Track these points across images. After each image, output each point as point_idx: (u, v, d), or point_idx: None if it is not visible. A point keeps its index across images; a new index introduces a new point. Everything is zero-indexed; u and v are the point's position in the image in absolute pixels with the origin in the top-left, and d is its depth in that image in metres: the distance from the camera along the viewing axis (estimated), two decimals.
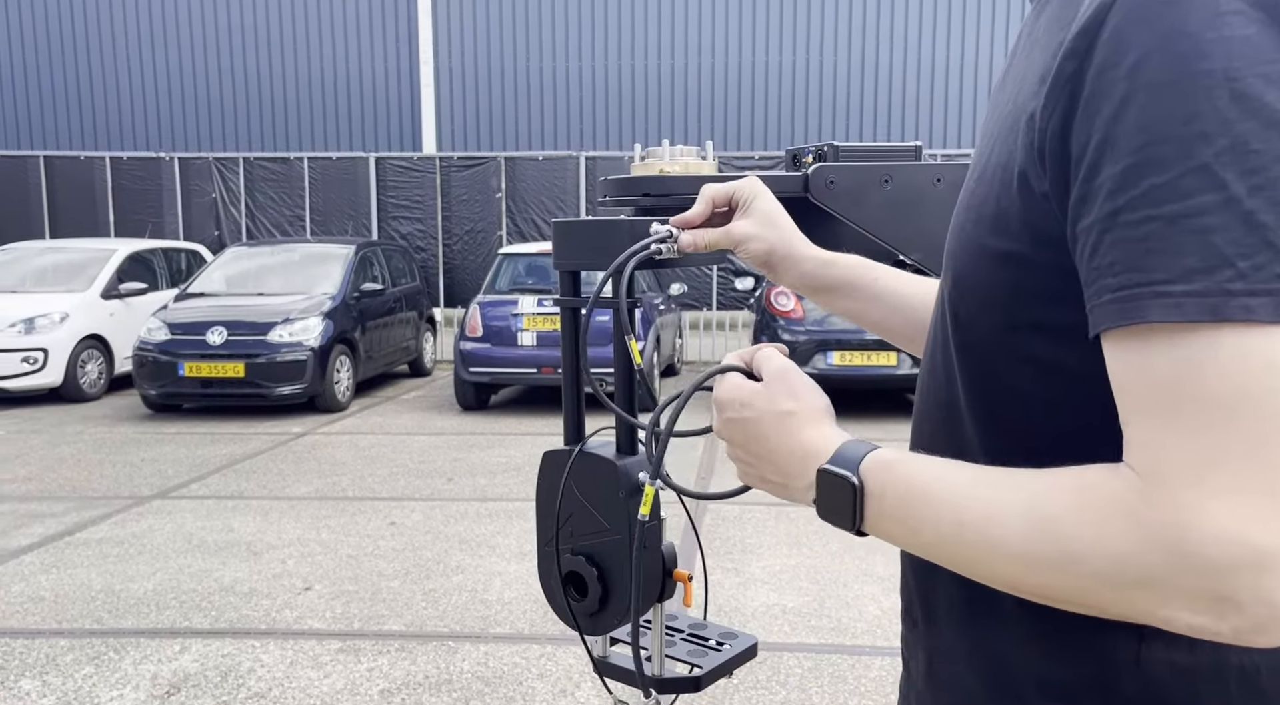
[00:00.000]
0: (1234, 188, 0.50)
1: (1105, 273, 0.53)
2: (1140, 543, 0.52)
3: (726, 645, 1.05)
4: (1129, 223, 0.52)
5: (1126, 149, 0.52)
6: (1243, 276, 0.49)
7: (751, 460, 0.76)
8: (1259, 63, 0.51)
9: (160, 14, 15.58)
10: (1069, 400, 0.63)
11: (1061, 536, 0.55)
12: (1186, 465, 0.51)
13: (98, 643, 3.47)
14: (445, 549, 4.51)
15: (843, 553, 4.41)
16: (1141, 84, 0.52)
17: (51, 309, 8.61)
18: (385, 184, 12.72)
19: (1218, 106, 0.50)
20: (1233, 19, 0.51)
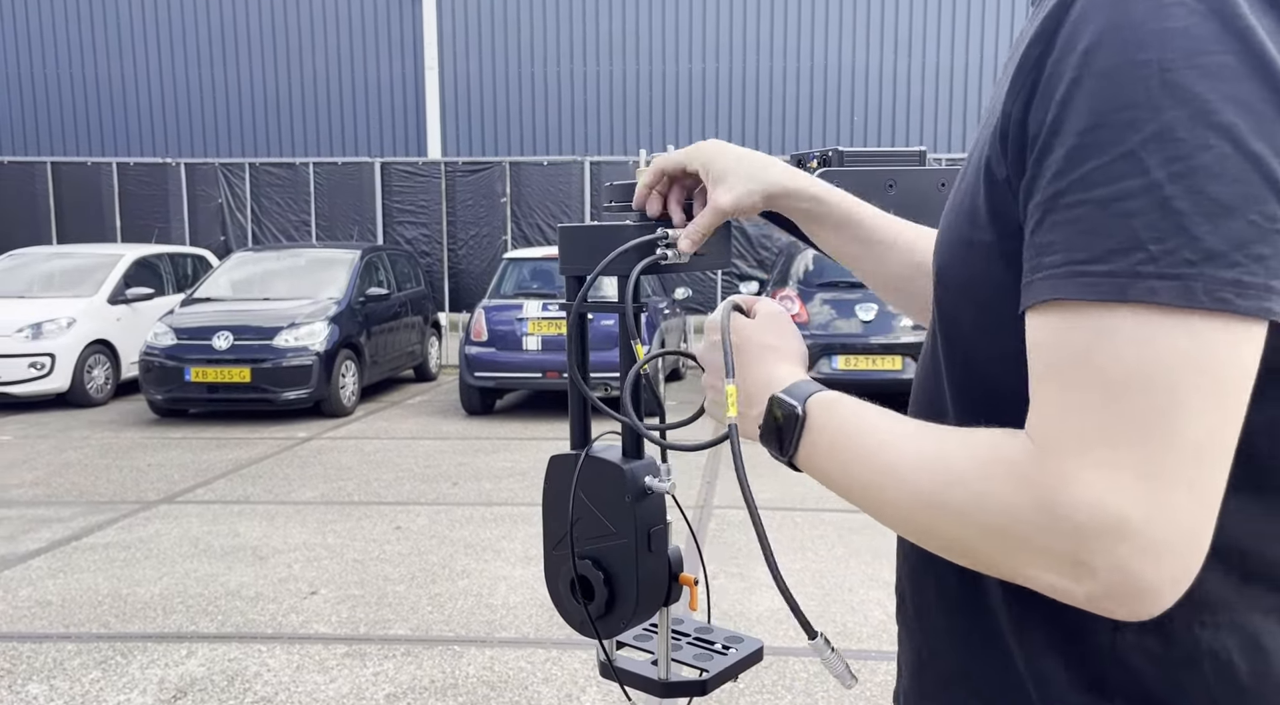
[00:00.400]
0: (1155, 174, 0.51)
1: (1043, 251, 0.55)
2: (1018, 500, 0.55)
3: (732, 649, 1.06)
4: (1066, 205, 0.54)
5: (1070, 132, 0.54)
6: (1154, 260, 0.51)
7: (722, 386, 0.78)
8: (1195, 54, 0.52)
9: (167, 21, 15.65)
10: None
11: (955, 485, 0.58)
12: (1075, 436, 0.53)
13: (105, 647, 3.48)
14: (450, 553, 4.52)
15: (848, 557, 4.41)
16: (1089, 71, 0.54)
17: (58, 314, 8.64)
18: (390, 189, 12.75)
19: (1150, 95, 0.52)
20: (1175, 10, 0.53)
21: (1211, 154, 0.51)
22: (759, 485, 4.39)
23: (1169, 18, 0.53)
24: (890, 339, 7.54)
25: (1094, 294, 0.53)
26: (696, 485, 5.74)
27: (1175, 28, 0.52)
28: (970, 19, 14.82)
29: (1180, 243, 0.51)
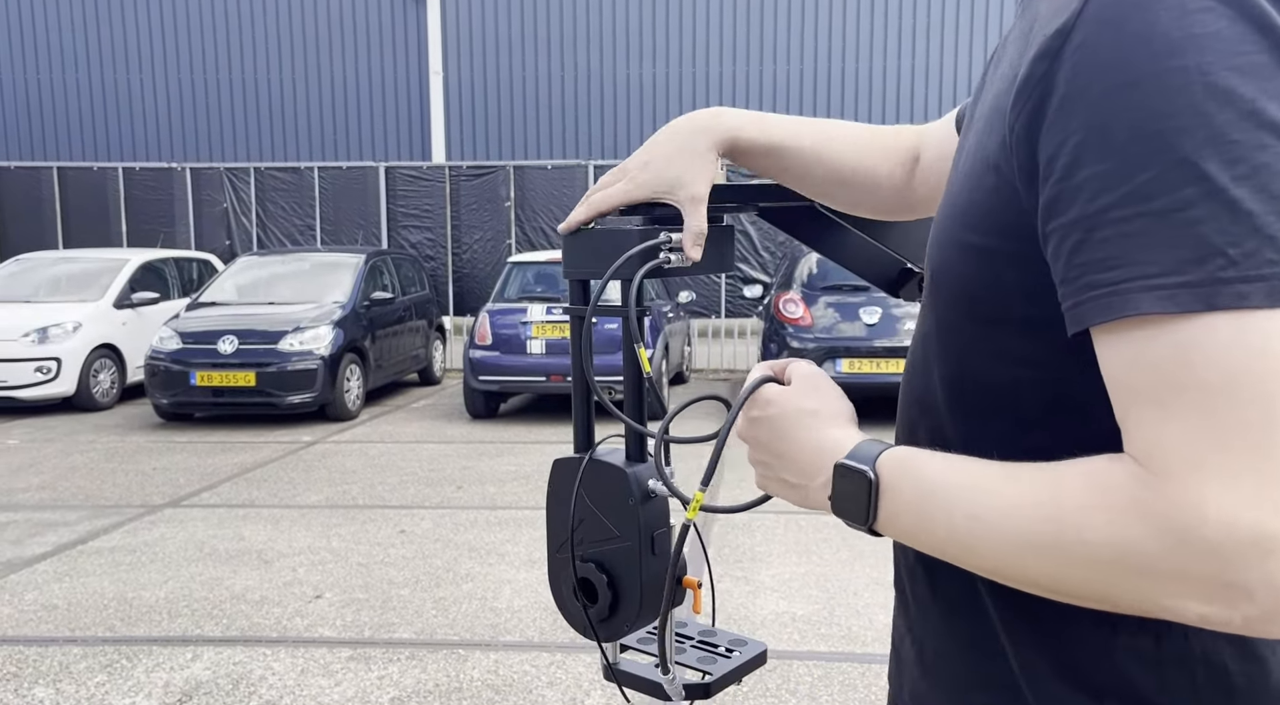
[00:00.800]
0: (1218, 179, 0.50)
1: (1093, 269, 0.54)
2: (1146, 530, 0.52)
3: (736, 652, 1.06)
4: (1117, 219, 0.52)
5: (1109, 148, 0.53)
6: (1234, 264, 0.50)
7: (771, 460, 0.77)
8: (1230, 55, 0.51)
9: (172, 27, 15.71)
10: (1038, 394, 0.64)
11: (1072, 526, 0.54)
12: (1187, 452, 0.51)
13: (110, 650, 3.49)
14: (455, 557, 4.52)
15: (853, 561, 4.40)
16: (1117, 84, 0.53)
17: (64, 319, 8.67)
18: (395, 193, 12.79)
19: (1193, 101, 0.51)
20: (1202, 16, 0.52)
21: (1270, 152, 0.50)
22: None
23: (1196, 23, 0.52)
24: (895, 342, 7.54)
25: (1174, 305, 0.50)
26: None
27: (1207, 32, 0.52)
28: (974, 24, 14.82)
29: (1258, 244, 0.49)
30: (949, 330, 0.70)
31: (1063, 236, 0.55)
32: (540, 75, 15.50)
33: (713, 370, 11.07)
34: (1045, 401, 0.64)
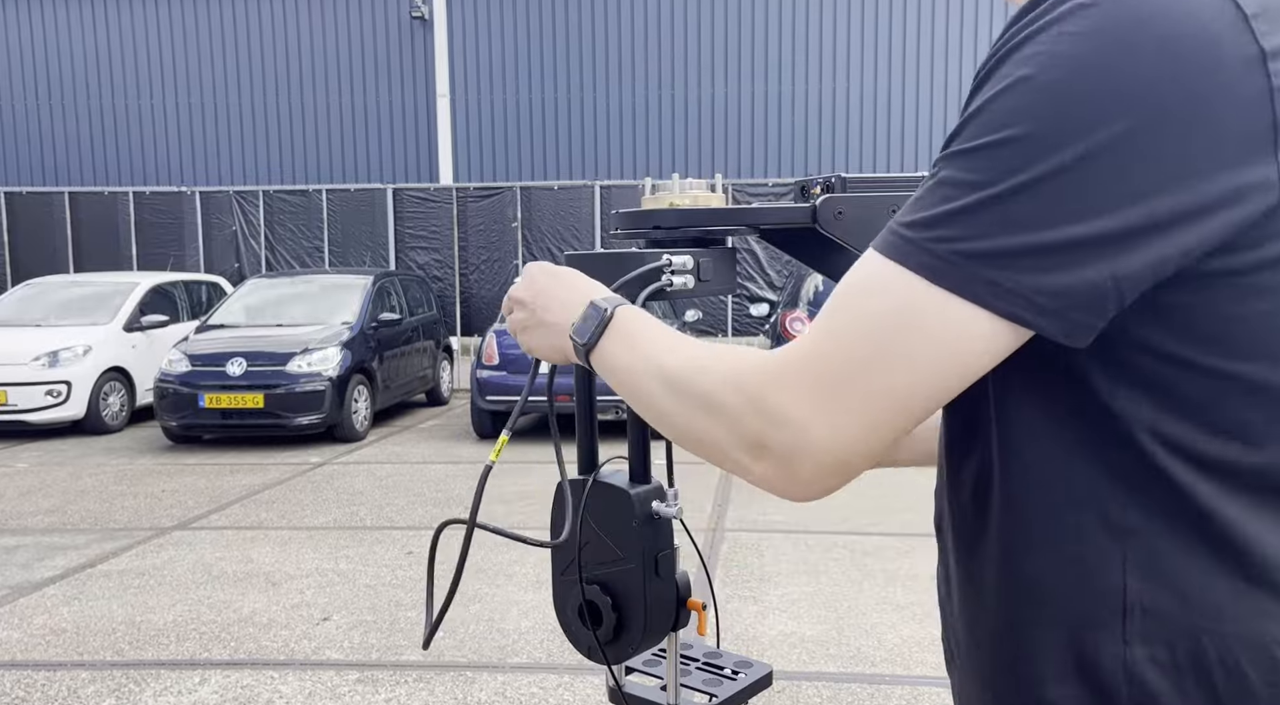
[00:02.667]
0: (979, 182, 0.58)
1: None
2: (744, 390, 0.65)
3: (742, 674, 1.06)
4: (930, 179, 0.63)
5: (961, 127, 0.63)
6: (942, 241, 0.59)
7: (539, 307, 0.89)
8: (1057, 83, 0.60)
9: (183, 54, 15.89)
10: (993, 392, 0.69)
11: (703, 373, 0.69)
12: (805, 354, 0.63)
13: (119, 674, 3.48)
14: (462, 578, 4.51)
15: (861, 581, 4.38)
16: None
17: (75, 342, 8.72)
18: (402, 215, 12.86)
19: (1016, 108, 0.59)
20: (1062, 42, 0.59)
21: (1035, 173, 0.57)
22: (769, 509, 4.39)
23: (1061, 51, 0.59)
24: None
25: (879, 245, 0.62)
26: (708, 509, 5.73)
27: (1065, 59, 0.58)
28: (979, 45, 14.89)
29: (970, 233, 0.58)
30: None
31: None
32: (546, 97, 15.61)
33: None
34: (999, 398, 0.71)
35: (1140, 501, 0.63)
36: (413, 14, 15.50)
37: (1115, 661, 0.63)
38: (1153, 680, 0.62)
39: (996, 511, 0.68)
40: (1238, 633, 0.61)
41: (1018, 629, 0.68)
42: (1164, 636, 0.62)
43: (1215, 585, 0.61)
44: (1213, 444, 0.62)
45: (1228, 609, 0.61)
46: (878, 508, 5.66)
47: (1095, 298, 0.57)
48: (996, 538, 0.69)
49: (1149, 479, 0.62)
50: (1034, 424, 0.66)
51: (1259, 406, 0.61)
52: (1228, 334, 0.60)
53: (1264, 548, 0.62)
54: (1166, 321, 0.60)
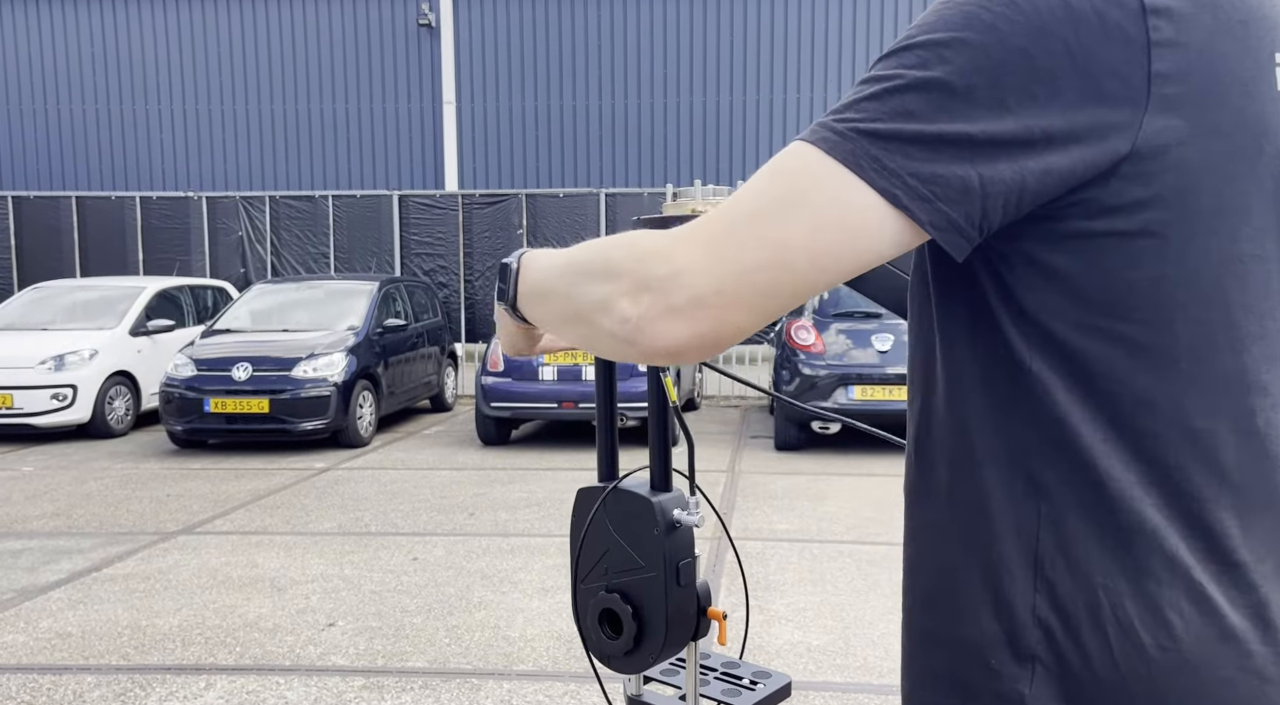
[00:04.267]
0: (892, 77, 0.65)
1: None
2: (632, 245, 0.69)
3: (760, 684, 1.05)
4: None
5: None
6: (846, 122, 0.65)
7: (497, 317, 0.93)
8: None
9: (191, 59, 15.96)
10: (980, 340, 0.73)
11: (605, 245, 0.72)
12: (710, 212, 0.67)
13: (124, 679, 3.48)
14: (468, 585, 4.50)
15: (867, 590, 4.36)
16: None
17: (81, 346, 8.74)
18: (408, 221, 12.87)
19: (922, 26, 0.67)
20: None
21: (905, 82, 0.63)
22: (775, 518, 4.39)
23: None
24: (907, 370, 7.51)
25: (801, 133, 0.67)
26: (712, 517, 5.71)
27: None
28: None
29: (868, 116, 0.64)
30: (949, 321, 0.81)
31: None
32: (552, 104, 15.64)
33: (724, 397, 11.05)
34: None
35: (1054, 462, 0.67)
36: (419, 21, 15.55)
37: (1026, 608, 0.68)
38: (1056, 629, 0.67)
39: (936, 464, 0.74)
40: (1132, 592, 0.65)
41: (945, 573, 0.73)
42: (1066, 589, 0.67)
43: (1114, 546, 0.66)
44: (1114, 408, 0.66)
45: (1123, 570, 0.66)
46: (884, 517, 5.64)
47: (963, 193, 0.62)
48: (934, 488, 0.75)
49: (1062, 442, 0.67)
50: (972, 384, 0.71)
51: (1153, 369, 0.66)
52: (1118, 298, 0.65)
53: (1157, 516, 0.66)
54: (1063, 285, 0.66)
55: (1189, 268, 0.65)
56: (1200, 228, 0.65)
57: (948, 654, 0.73)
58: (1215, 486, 0.66)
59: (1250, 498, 0.67)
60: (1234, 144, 0.65)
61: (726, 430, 8.98)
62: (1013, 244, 0.67)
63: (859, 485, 6.51)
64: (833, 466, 7.12)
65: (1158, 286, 0.65)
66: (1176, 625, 0.65)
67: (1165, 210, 0.64)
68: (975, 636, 0.71)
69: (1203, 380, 0.66)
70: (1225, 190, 0.65)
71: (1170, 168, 0.63)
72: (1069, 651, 0.66)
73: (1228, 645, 0.65)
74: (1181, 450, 0.66)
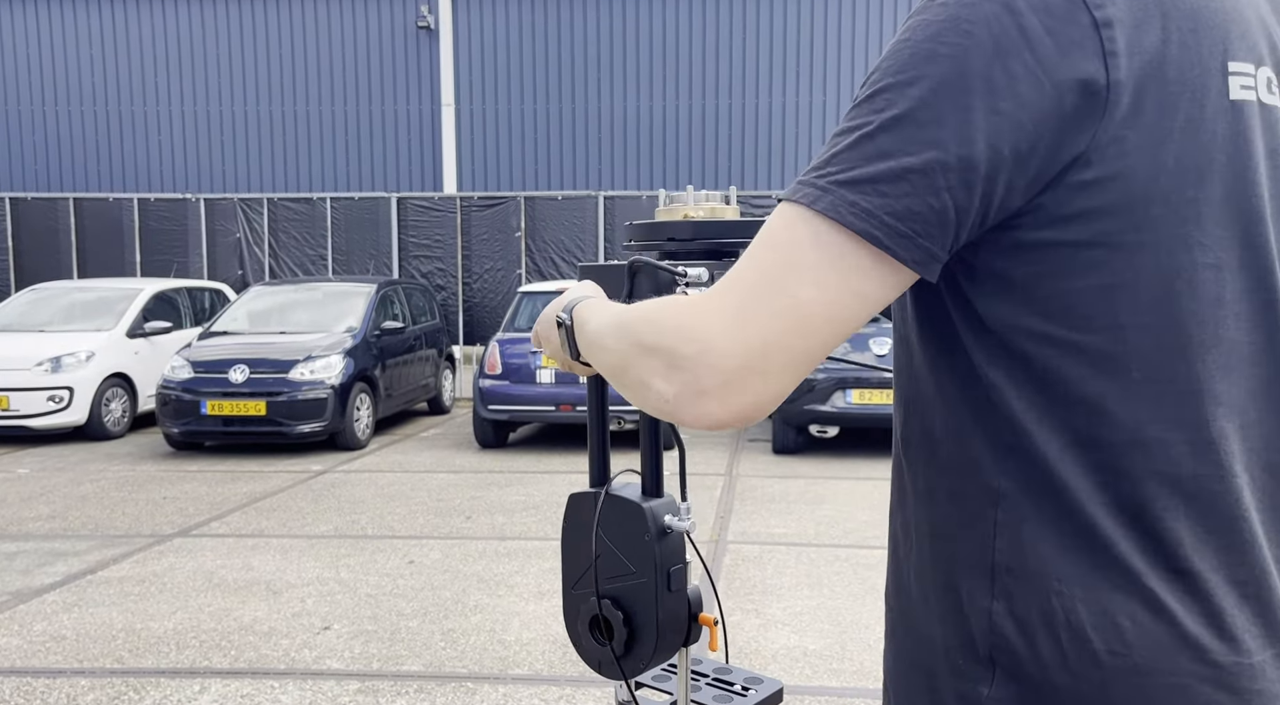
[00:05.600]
0: (863, 124, 0.67)
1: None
2: (673, 322, 0.70)
3: (752, 690, 1.05)
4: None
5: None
6: (823, 177, 0.67)
7: (544, 340, 0.96)
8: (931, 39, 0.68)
9: (189, 60, 15.96)
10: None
11: (643, 319, 0.74)
12: (722, 280, 0.69)
13: (118, 682, 3.47)
14: (464, 588, 4.50)
15: (864, 594, 4.36)
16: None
17: (78, 348, 8.72)
18: (406, 223, 12.87)
19: (889, 66, 0.68)
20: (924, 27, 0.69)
21: (875, 130, 0.65)
22: (773, 522, 4.39)
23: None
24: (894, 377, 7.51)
25: (784, 194, 0.69)
26: (710, 521, 5.71)
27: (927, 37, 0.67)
28: None
29: (844, 166, 0.66)
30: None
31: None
32: (551, 107, 15.65)
33: None
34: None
35: (1010, 469, 0.69)
36: (418, 24, 15.56)
37: (982, 613, 0.70)
38: (1010, 633, 0.69)
39: (908, 468, 0.77)
40: (1085, 598, 0.67)
41: (915, 574, 0.76)
42: (1021, 594, 0.68)
43: (1067, 553, 0.67)
44: (1068, 416, 0.67)
45: (1076, 576, 0.67)
46: (881, 521, 5.64)
47: (939, 225, 0.64)
48: (907, 491, 0.77)
49: (1019, 450, 0.69)
50: (936, 391, 0.73)
51: (1106, 377, 0.67)
52: (1070, 307, 0.66)
53: (1109, 523, 0.67)
54: (1017, 295, 0.67)
55: (1140, 276, 0.66)
56: (1150, 237, 0.65)
57: (920, 654, 0.75)
58: (1168, 495, 0.67)
59: (1203, 507, 0.67)
60: (1184, 153, 0.65)
61: (724, 434, 8.98)
62: (969, 253, 0.68)
63: (856, 489, 6.50)
64: (830, 470, 7.11)
65: (1109, 295, 0.66)
66: (1128, 630, 0.66)
67: (1115, 219, 0.65)
68: (940, 637, 0.73)
69: (1156, 389, 0.67)
70: (1175, 199, 0.65)
71: (1120, 176, 0.64)
72: (1025, 656, 0.68)
73: (1182, 652, 0.66)
74: (1135, 459, 0.67)
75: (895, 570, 0.80)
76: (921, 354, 0.75)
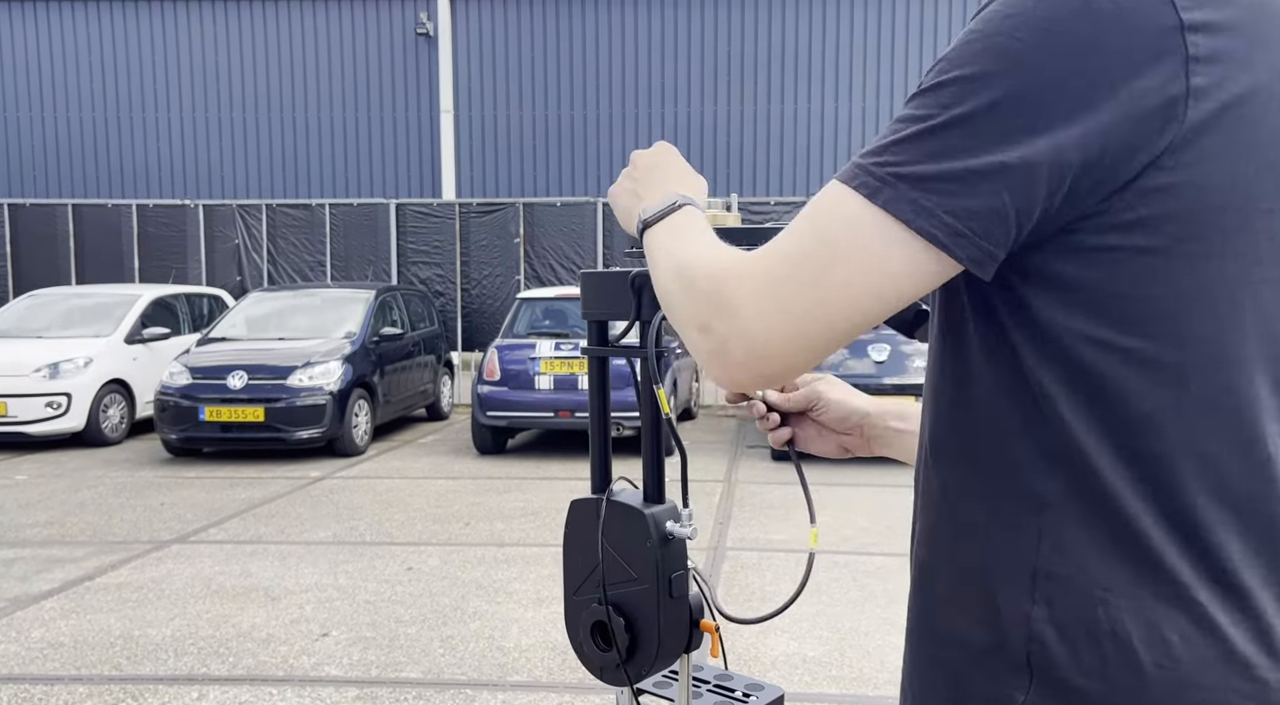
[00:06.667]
0: (926, 117, 0.66)
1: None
2: (714, 278, 0.72)
3: (753, 697, 1.05)
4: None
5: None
6: (881, 165, 0.66)
7: (640, 180, 0.96)
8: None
9: (188, 66, 15.98)
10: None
11: (699, 258, 0.76)
12: (763, 252, 0.70)
13: (116, 689, 3.46)
14: (462, 595, 4.49)
15: (863, 601, 4.36)
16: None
17: (76, 354, 8.72)
18: (405, 230, 12.88)
19: (951, 59, 0.68)
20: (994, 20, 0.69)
21: (958, 112, 0.64)
22: (771, 529, 4.39)
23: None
24: (904, 380, 7.52)
25: (839, 174, 0.69)
26: (709, 527, 5.70)
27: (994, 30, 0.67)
28: None
29: (906, 159, 0.65)
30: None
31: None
32: (550, 113, 15.68)
33: (720, 406, 11.05)
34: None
35: (1056, 475, 0.68)
36: (417, 30, 15.60)
37: (1021, 618, 0.68)
38: (1050, 641, 0.67)
39: (944, 469, 0.75)
40: (1132, 609, 0.65)
41: (949, 578, 0.74)
42: (1064, 601, 0.67)
43: (1114, 564, 0.66)
44: (1121, 425, 0.66)
45: (1122, 586, 0.65)
46: (879, 528, 5.64)
47: (999, 225, 0.64)
48: (942, 493, 0.75)
49: (1066, 456, 0.67)
50: (982, 393, 0.71)
51: (1164, 388, 0.65)
52: (1131, 314, 0.65)
53: (1158, 535, 0.65)
54: (1075, 298, 0.66)
55: (1206, 287, 0.64)
56: (1219, 246, 0.64)
57: (948, 656, 0.73)
58: (1219, 510, 0.65)
59: (1253, 524, 0.66)
60: (1264, 163, 0.64)
61: (723, 440, 8.98)
62: (1027, 255, 0.66)
63: (855, 496, 6.50)
64: (829, 477, 7.11)
65: (1171, 304, 0.64)
66: (1175, 644, 0.64)
67: (1184, 226, 0.63)
68: (974, 641, 0.71)
69: (1212, 403, 0.65)
70: (1249, 209, 0.64)
71: (1194, 183, 0.63)
72: (1065, 664, 0.66)
73: (1229, 667, 0.64)
74: (1186, 472, 0.65)
75: (924, 572, 0.78)
76: (964, 351, 0.73)
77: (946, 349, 0.75)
